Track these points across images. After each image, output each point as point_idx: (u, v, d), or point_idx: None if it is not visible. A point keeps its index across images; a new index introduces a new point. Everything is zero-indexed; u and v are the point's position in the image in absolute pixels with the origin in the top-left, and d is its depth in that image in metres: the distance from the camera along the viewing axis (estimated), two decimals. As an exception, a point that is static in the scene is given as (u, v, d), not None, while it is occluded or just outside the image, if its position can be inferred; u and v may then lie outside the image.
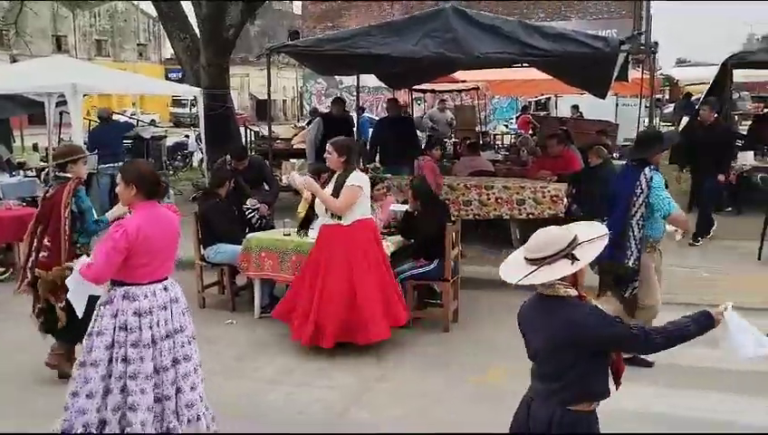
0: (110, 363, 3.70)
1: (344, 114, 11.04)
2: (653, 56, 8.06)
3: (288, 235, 6.34)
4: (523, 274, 2.66)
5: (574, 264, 2.64)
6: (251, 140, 14.86)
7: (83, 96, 9.35)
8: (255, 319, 6.42)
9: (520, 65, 10.08)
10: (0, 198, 8.49)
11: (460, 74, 13.52)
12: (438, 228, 6.01)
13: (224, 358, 5.50)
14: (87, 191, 5.05)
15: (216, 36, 12.72)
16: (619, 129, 15.06)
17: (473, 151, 10.27)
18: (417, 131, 12.89)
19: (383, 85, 13.96)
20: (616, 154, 12.13)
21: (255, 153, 11.26)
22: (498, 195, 8.42)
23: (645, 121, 12.17)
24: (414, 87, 14.98)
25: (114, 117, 13.88)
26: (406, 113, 13.03)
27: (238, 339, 5.97)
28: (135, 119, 19.49)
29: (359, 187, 5.39)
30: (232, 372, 5.26)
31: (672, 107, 23.25)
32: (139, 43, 51.53)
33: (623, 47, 7.21)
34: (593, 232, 2.76)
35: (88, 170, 6.49)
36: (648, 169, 5.00)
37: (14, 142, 14.94)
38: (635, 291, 5.07)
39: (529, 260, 2.69)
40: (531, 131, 16.55)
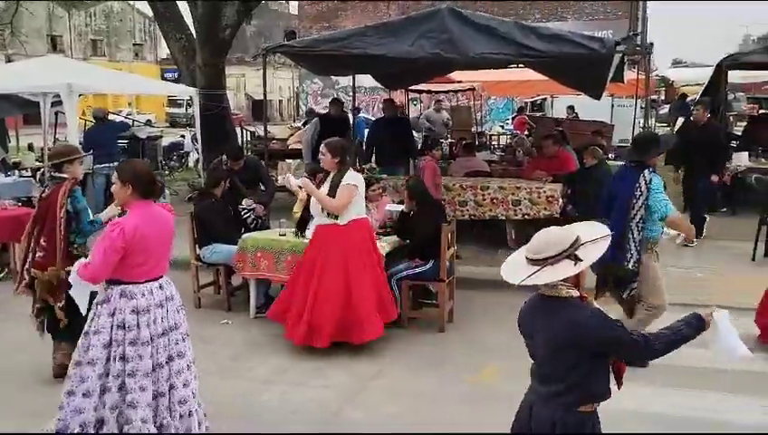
0: (107, 362, 3.72)
1: (342, 115, 11.03)
2: (648, 57, 8.10)
3: (284, 235, 6.35)
4: (525, 274, 2.63)
5: (577, 264, 2.61)
6: (247, 140, 14.85)
7: (79, 96, 9.33)
8: (251, 319, 6.43)
9: (516, 66, 10.11)
10: (-5, 199, 8.47)
11: (456, 75, 13.55)
12: (434, 229, 6.03)
13: (219, 358, 5.51)
14: (82, 191, 5.04)
15: (212, 36, 12.70)
16: (614, 129, 15.12)
17: (468, 152, 10.29)
18: (414, 132, 12.91)
19: (379, 86, 13.96)
20: (611, 155, 12.17)
21: (251, 153, 11.26)
22: (494, 195, 8.44)
23: (640, 122, 12.22)
24: (410, 87, 14.99)
25: (110, 117, 13.86)
26: (402, 114, 13.02)
27: (233, 339, 5.98)
28: (131, 119, 19.48)
29: (354, 185, 5.43)
30: (227, 371, 5.27)
31: (668, 108, 23.35)
32: (134, 43, 51.41)
33: (618, 48, 7.23)
34: (596, 232, 2.73)
35: (84, 171, 6.48)
36: (648, 172, 4.99)
37: (9, 142, 14.91)
38: (633, 292, 5.08)
39: (531, 260, 2.67)
40: (527, 132, 16.59)
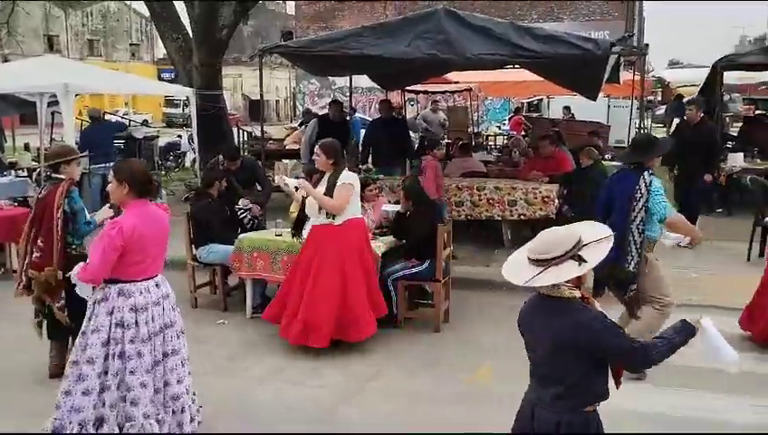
0: (105, 360, 3.74)
1: (342, 117, 10.97)
2: (643, 58, 8.12)
3: (280, 235, 6.36)
4: (529, 275, 2.61)
5: (581, 265, 2.59)
6: (243, 140, 14.86)
7: (75, 96, 9.32)
8: (247, 319, 6.43)
9: (512, 67, 10.13)
10: (-8, 199, 8.46)
11: (453, 75, 13.55)
12: (430, 229, 6.04)
13: (215, 358, 5.51)
14: (79, 192, 5.04)
15: (209, 36, 12.70)
16: (610, 130, 15.16)
17: (465, 152, 10.29)
18: (411, 132, 12.91)
19: (376, 86, 13.97)
20: (607, 155, 12.18)
21: (248, 154, 11.25)
22: (490, 196, 8.47)
23: (636, 123, 12.25)
24: (407, 88, 15.00)
25: (106, 117, 13.85)
26: (399, 114, 13.01)
27: (230, 339, 5.98)
28: (127, 119, 19.44)
29: (350, 184, 5.46)
30: (223, 371, 5.27)
31: (664, 109, 23.40)
32: (131, 43, 51.33)
33: (614, 49, 7.26)
34: (598, 233, 2.71)
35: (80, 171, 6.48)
36: (647, 174, 4.96)
37: (5, 142, 14.92)
38: (632, 292, 5.07)
39: (534, 261, 2.64)
40: (523, 132, 16.62)
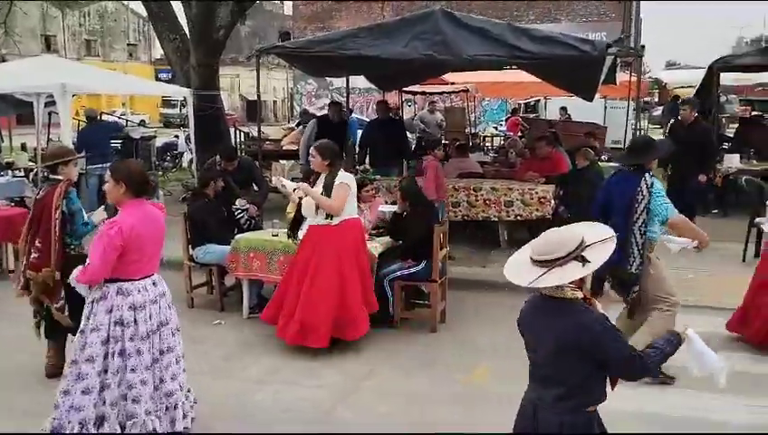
0: (105, 358, 3.75)
1: (341, 118, 10.97)
2: (640, 59, 8.14)
3: (276, 235, 6.36)
4: (533, 276, 2.59)
5: (585, 266, 2.58)
6: (241, 141, 14.84)
7: (72, 96, 9.32)
8: (243, 319, 6.44)
9: (509, 68, 10.15)
10: (-12, 199, 8.46)
11: (450, 76, 13.56)
12: (426, 229, 6.05)
13: (212, 358, 5.52)
14: (76, 192, 5.04)
15: (207, 37, 12.70)
16: (607, 131, 15.18)
17: (462, 153, 10.30)
18: (408, 133, 12.91)
19: (373, 87, 13.97)
20: (604, 156, 12.20)
21: (245, 154, 11.26)
22: (486, 196, 8.48)
23: (633, 124, 12.26)
24: (404, 89, 15.01)
25: (103, 117, 13.83)
26: (396, 115, 13.02)
27: (226, 339, 5.99)
28: (124, 119, 19.42)
29: (347, 184, 5.50)
30: (219, 371, 5.28)
31: (661, 110, 23.42)
32: (128, 44, 51.29)
33: (610, 50, 7.28)
34: (600, 233, 2.70)
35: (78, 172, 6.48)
36: (648, 175, 4.95)
37: (2, 142, 14.89)
38: (634, 294, 5.08)
39: (537, 262, 2.62)
40: (520, 133, 16.65)
